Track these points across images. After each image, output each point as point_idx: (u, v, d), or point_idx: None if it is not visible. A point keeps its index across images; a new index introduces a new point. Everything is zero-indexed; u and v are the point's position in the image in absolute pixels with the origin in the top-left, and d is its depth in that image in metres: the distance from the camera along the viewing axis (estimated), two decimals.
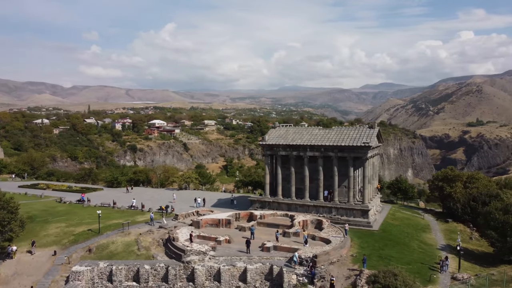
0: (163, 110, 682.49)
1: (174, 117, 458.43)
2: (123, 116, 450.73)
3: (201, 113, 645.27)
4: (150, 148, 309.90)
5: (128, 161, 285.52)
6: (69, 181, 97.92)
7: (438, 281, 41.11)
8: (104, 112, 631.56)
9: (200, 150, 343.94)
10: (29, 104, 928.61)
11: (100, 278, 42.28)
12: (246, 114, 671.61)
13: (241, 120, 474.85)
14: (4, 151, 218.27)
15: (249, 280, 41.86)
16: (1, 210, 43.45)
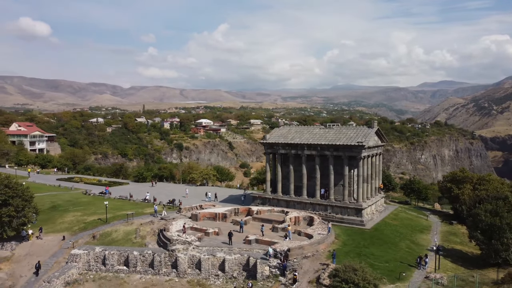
0: (213, 110, 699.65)
1: (221, 117, 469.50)
2: (173, 115, 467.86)
3: (250, 112, 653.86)
4: (196, 146, 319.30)
5: (174, 159, 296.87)
6: (102, 176, 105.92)
7: (410, 279, 41.51)
8: (157, 112, 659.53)
9: (244, 149, 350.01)
10: (91, 104, 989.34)
11: (96, 261, 47.04)
12: (296, 113, 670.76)
13: (287, 119, 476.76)
14: (61, 148, 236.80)
15: (227, 269, 44.70)
16: (17, 198, 49.57)
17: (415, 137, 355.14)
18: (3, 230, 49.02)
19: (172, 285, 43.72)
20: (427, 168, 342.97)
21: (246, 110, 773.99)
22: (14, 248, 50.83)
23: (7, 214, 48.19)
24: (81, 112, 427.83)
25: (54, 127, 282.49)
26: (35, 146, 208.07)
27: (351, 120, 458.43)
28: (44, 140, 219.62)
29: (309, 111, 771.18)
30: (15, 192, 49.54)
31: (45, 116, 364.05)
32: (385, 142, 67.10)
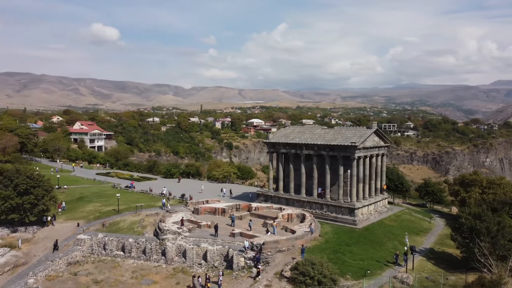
0: (268, 110, 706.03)
1: (273, 116, 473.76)
2: (227, 115, 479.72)
3: (306, 112, 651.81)
4: (246, 145, 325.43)
5: (224, 158, 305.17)
6: (134, 171, 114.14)
7: (377, 277, 42.46)
8: (214, 111, 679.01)
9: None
10: (155, 104, 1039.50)
11: (98, 246, 52.76)
12: (354, 113, 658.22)
13: (341, 119, 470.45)
14: (118, 145, 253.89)
15: (209, 259, 48.28)
16: (38, 188, 56.79)
17: (479, 138, 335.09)
18: (25, 216, 56.40)
19: (158, 271, 48.10)
20: (492, 172, 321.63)
21: (302, 110, 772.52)
22: (35, 231, 58.24)
23: (28, 202, 55.45)
24: (140, 112, 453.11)
25: (114, 126, 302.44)
26: (95, 144, 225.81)
27: (409, 120, 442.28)
28: (103, 138, 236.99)
29: (368, 111, 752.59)
30: (36, 182, 56.78)
31: (108, 115, 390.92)
32: (388, 143, 66.94)
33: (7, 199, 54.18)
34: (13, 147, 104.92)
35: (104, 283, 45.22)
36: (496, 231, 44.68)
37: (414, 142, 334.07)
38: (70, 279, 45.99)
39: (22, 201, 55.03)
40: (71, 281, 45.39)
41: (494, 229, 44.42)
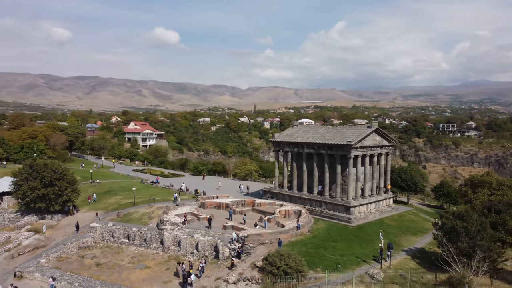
0: (323, 109, 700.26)
1: (324, 116, 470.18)
2: (279, 115, 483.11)
3: (362, 111, 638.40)
4: None
5: (271, 157, 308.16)
6: (169, 168, 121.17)
7: (347, 271, 43.71)
8: (267, 112, 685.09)
9: None
10: (212, 105, 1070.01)
11: (108, 233, 58.60)
12: (415, 112, 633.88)
13: (395, 119, 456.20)
14: (169, 144, 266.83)
15: (200, 249, 52.11)
16: (62, 181, 64.00)
17: None
18: (51, 205, 63.79)
19: (155, 257, 52.73)
20: None
21: (358, 109, 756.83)
22: (60, 219, 65.55)
23: (53, 193, 62.74)
24: (194, 112, 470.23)
25: (166, 126, 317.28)
26: (146, 142, 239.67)
27: (471, 120, 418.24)
28: (154, 137, 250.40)
29: (430, 110, 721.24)
30: (60, 176, 64.00)
31: (163, 116, 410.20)
32: (392, 142, 66.77)
33: (35, 189, 61.76)
34: (62, 145, 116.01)
35: (104, 265, 50.61)
36: (477, 232, 44.12)
37: (475, 143, 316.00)
38: (77, 261, 51.95)
39: (47, 191, 62.40)
40: (77, 263, 51.30)
41: (473, 229, 43.92)
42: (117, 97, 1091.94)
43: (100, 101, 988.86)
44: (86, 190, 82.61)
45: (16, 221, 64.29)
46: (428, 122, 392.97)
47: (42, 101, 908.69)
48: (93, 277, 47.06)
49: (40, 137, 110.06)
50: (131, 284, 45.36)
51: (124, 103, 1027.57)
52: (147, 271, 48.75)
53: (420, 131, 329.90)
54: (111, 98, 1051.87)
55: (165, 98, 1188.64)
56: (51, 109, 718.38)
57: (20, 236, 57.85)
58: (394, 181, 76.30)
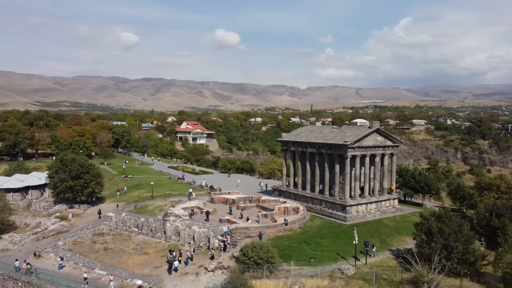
0: (383, 109, 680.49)
1: (380, 116, 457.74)
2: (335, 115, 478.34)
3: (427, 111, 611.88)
4: None
5: None
6: (204, 166, 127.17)
7: (321, 266, 45.46)
8: (324, 111, 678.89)
9: (401, 151, 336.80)
10: (271, 105, 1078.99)
11: (121, 223, 64.71)
12: (486, 112, 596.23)
13: (459, 119, 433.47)
14: (219, 144, 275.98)
15: (196, 239, 56.31)
16: (87, 174, 71.45)
17: None
18: (77, 195, 71.46)
19: (156, 246, 57.73)
20: None
21: (421, 109, 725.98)
22: (86, 209, 73.15)
23: (79, 185, 70.33)
24: (247, 113, 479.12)
25: (218, 125, 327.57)
26: (197, 142, 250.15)
27: None
28: (204, 136, 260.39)
29: (503, 110, 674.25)
30: (86, 170, 71.47)
31: (217, 116, 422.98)
32: (397, 143, 66.42)
33: (63, 181, 69.69)
34: (108, 143, 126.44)
35: (111, 250, 56.51)
36: (453, 233, 43.87)
37: None
38: (88, 245, 58.40)
39: (74, 183, 70.07)
40: (88, 247, 57.73)
41: (447, 230, 43.75)
42: (179, 97, 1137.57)
43: (164, 101, 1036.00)
44: (118, 184, 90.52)
45: (48, 209, 72.79)
46: (495, 123, 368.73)
47: (111, 102, 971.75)
48: (98, 259, 53.03)
49: (87, 135, 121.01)
50: (126, 267, 50.56)
51: (186, 103, 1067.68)
52: (144, 257, 53.80)
53: (485, 133, 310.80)
54: (174, 99, 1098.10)
55: (225, 99, 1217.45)
56: (119, 109, 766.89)
57: (48, 222, 65.79)
58: (407, 183, 75.51)
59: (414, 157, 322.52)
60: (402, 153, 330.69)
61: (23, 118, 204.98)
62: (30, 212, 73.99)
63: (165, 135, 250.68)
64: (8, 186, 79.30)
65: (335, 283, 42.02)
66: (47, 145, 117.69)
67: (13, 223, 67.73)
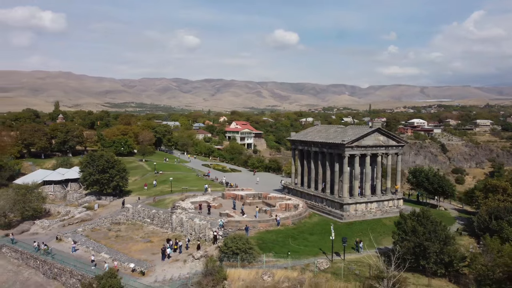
0: (447, 109, 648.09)
1: (440, 116, 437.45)
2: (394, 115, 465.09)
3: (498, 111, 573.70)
4: None
5: None
6: (236, 165, 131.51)
7: (298, 259, 47.48)
8: (383, 111, 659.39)
9: (461, 153, 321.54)
10: (330, 104, 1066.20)
11: (137, 214, 70.62)
12: None
13: None
14: (267, 143, 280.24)
15: (197, 230, 60.48)
16: (112, 169, 78.49)
17: None
18: (103, 188, 78.77)
19: (163, 235, 62.57)
20: None
21: (492, 108, 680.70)
22: (111, 200, 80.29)
23: (105, 178, 77.55)
24: (300, 112, 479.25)
25: (268, 125, 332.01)
26: (244, 141, 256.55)
27: None
28: (252, 136, 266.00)
29: None
30: (111, 165, 78.55)
31: (270, 116, 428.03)
32: (402, 143, 65.81)
33: (91, 174, 77.27)
34: (149, 141, 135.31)
35: (121, 238, 62.27)
36: (428, 233, 43.88)
37: None
38: (104, 232, 64.72)
39: (100, 177, 77.39)
40: (103, 234, 64.04)
41: (421, 230, 43.83)
42: (238, 98, 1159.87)
43: (223, 102, 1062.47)
44: (149, 179, 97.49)
45: (79, 200, 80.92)
46: None
47: (173, 102, 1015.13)
48: (107, 245, 58.91)
49: (129, 134, 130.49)
50: (128, 252, 55.84)
51: (244, 103, 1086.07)
52: (147, 245, 58.84)
53: None
54: (233, 99, 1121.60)
55: (283, 99, 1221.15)
56: (180, 110, 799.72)
57: (75, 211, 73.49)
58: (420, 184, 74.20)
59: (476, 159, 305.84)
60: (463, 155, 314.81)
61: (86, 118, 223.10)
62: (65, 202, 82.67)
63: (214, 135, 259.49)
64: (50, 179, 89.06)
65: (304, 275, 43.84)
66: (94, 143, 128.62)
67: (49, 210, 76.45)
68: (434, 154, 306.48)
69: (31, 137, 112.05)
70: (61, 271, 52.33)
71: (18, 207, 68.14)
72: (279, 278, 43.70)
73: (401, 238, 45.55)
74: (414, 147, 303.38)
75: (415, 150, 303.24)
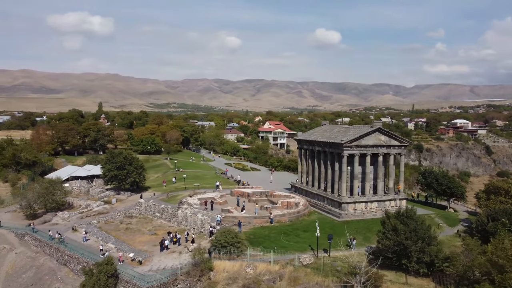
0: (498, 109, 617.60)
1: (485, 117, 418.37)
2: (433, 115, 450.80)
3: None
4: (440, 148, 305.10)
5: (412, 160, 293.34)
6: (259, 164, 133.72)
7: (283, 254, 48.96)
8: (427, 111, 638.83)
9: (507, 155, 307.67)
10: (372, 104, 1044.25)
11: (148, 208, 74.62)
12: None
13: None
14: None
15: (198, 225, 63.40)
16: (130, 166, 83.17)
17: None
18: (122, 184, 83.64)
19: (169, 228, 65.78)
20: None
21: None
22: (129, 195, 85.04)
23: (122, 175, 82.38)
24: (338, 113, 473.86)
25: (303, 125, 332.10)
26: (277, 141, 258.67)
27: None
28: (285, 136, 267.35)
29: None
30: (128, 161, 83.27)
31: (306, 117, 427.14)
32: (405, 143, 65.33)
33: (110, 171, 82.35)
34: (176, 140, 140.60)
35: (130, 230, 66.23)
36: (409, 232, 44.13)
37: None
38: (115, 225, 69.07)
39: (118, 173, 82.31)
40: (114, 226, 68.38)
41: (401, 229, 44.16)
42: (278, 98, 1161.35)
43: (263, 102, 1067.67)
44: (168, 176, 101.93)
45: (99, 194, 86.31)
46: None
47: (214, 103, 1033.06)
48: (116, 236, 63.05)
49: (157, 133, 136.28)
50: (132, 243, 59.60)
51: (284, 104, 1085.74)
52: (151, 237, 62.36)
53: None
54: (273, 99, 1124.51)
55: (324, 99, 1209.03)
56: (220, 110, 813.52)
57: (94, 204, 78.68)
58: (429, 184, 73.18)
59: None
60: (509, 157, 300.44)
61: (126, 118, 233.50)
62: (87, 196, 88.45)
63: (247, 135, 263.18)
64: (77, 174, 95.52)
65: (285, 269, 45.34)
66: (124, 141, 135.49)
67: (71, 203, 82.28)
68: (477, 156, 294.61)
69: (65, 135, 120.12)
70: (70, 258, 56.87)
71: (42, 200, 74.01)
72: (261, 271, 45.49)
73: (384, 236, 45.98)
74: (455, 149, 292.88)
75: (457, 152, 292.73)
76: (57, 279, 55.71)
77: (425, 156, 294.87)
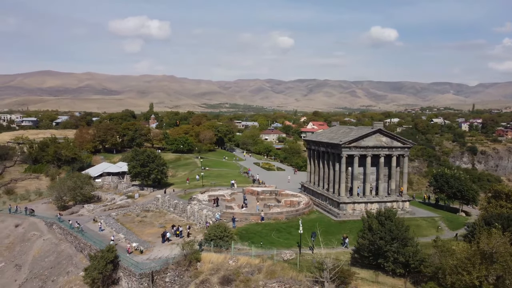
0: None
1: None
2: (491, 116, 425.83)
3: None
4: (496, 151, 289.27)
5: (465, 163, 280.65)
6: (286, 164, 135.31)
7: (272, 248, 51.15)
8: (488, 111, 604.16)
9: None
10: (431, 104, 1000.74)
11: (163, 204, 79.53)
12: None
13: None
14: None
15: (203, 219, 67.11)
16: (152, 163, 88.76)
17: None
18: (145, 180, 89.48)
19: (179, 222, 70.24)
20: None
21: None
22: (152, 191, 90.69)
23: (145, 172, 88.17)
24: (388, 113, 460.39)
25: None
26: None
27: None
28: None
29: None
30: (151, 159, 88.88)
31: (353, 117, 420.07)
32: (407, 144, 64.63)
33: (133, 167, 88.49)
34: (209, 140, 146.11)
35: (142, 223, 71.28)
36: (384, 232, 44.65)
37: None
38: (131, 217, 74.52)
39: (141, 170, 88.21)
40: (130, 218, 73.86)
41: (376, 229, 44.78)
42: (331, 98, 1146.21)
43: (315, 102, 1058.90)
44: (194, 174, 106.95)
45: (125, 189, 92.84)
46: None
47: (266, 103, 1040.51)
48: (128, 228, 68.35)
49: (191, 133, 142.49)
50: (140, 234, 64.44)
51: (337, 103, 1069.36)
52: (159, 229, 66.83)
53: None
54: (325, 99, 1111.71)
55: (379, 98, 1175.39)
56: (271, 110, 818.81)
57: (118, 199, 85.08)
58: (440, 187, 71.60)
59: None
60: None
61: (173, 118, 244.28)
62: (115, 191, 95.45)
63: (289, 135, 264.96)
64: (109, 171, 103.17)
65: (265, 263, 47.59)
66: (159, 141, 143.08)
67: (100, 197, 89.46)
68: None
69: (104, 134, 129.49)
70: (85, 245, 62.77)
71: (72, 193, 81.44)
72: (242, 264, 48.11)
73: (361, 235, 46.75)
74: None
75: None
76: (72, 264, 61.86)
77: (480, 159, 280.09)
